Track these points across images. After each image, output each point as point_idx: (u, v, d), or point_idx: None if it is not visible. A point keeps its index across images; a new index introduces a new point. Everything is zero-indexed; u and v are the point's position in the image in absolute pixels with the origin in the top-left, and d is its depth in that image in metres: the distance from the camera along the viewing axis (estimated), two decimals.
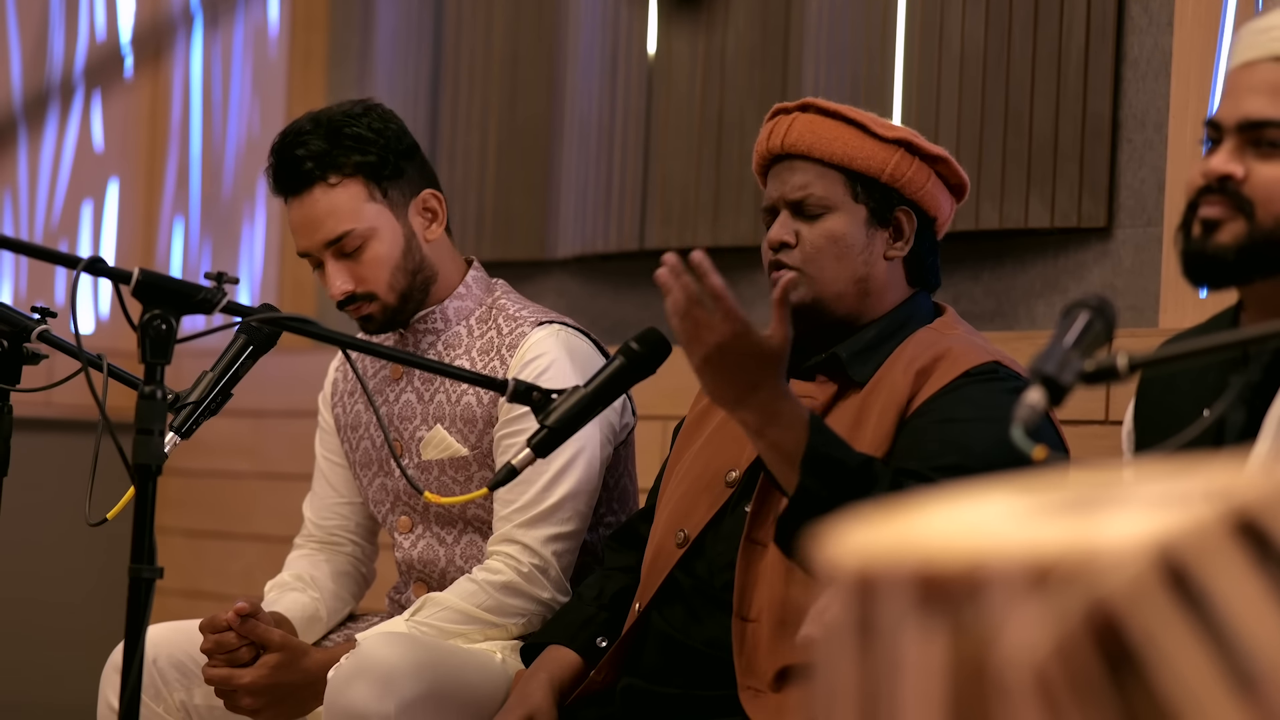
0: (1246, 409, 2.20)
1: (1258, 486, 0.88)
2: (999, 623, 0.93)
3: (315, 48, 5.23)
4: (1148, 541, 0.87)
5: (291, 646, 3.01)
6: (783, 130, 2.80)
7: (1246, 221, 2.19)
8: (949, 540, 0.97)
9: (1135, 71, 3.69)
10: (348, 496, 3.34)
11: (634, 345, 2.76)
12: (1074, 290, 3.74)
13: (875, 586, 0.99)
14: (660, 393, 3.66)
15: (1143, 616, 0.86)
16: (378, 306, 3.13)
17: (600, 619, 2.94)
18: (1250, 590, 0.85)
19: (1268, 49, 2.22)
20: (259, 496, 4.99)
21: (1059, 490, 1.01)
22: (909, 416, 2.66)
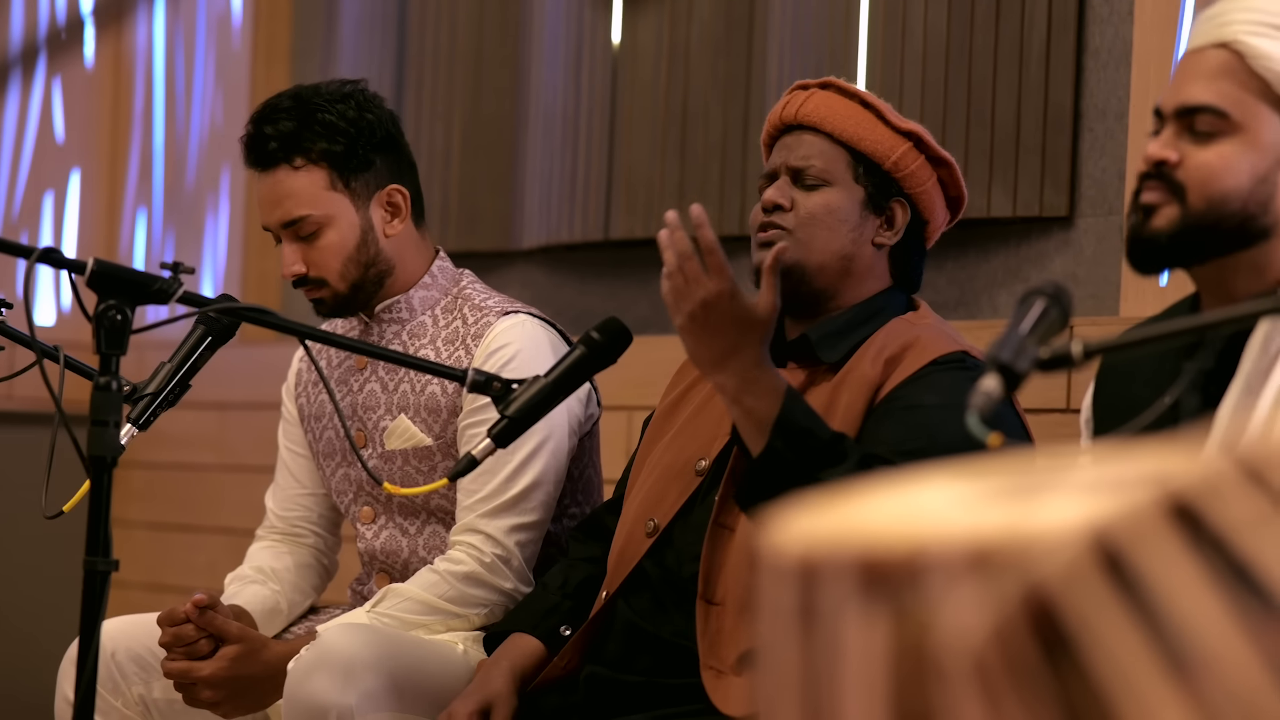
0: (1201, 395, 2.21)
1: (1192, 471, 0.88)
2: (939, 608, 0.93)
3: (278, 38, 5.21)
4: (1083, 526, 0.87)
5: (250, 639, 3.00)
6: (799, 102, 2.84)
7: (1179, 206, 2.21)
8: (891, 526, 0.97)
9: (1096, 62, 3.70)
10: (310, 488, 3.33)
11: (595, 335, 2.75)
12: (1036, 279, 3.75)
13: (818, 572, 0.99)
14: (624, 383, 3.66)
15: (1078, 601, 0.85)
16: (328, 292, 3.13)
17: (564, 608, 2.94)
18: (1184, 574, 0.85)
19: (1211, 35, 2.24)
20: (223, 489, 4.97)
21: (1002, 476, 1.01)
22: (877, 404, 2.67)
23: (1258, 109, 2.21)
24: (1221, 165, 2.21)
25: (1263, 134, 2.21)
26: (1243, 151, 2.21)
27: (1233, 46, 2.22)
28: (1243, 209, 2.20)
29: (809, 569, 0.98)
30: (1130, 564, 0.85)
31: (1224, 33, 2.23)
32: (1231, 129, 2.21)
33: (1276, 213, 2.21)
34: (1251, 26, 2.21)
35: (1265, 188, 2.21)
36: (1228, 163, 2.20)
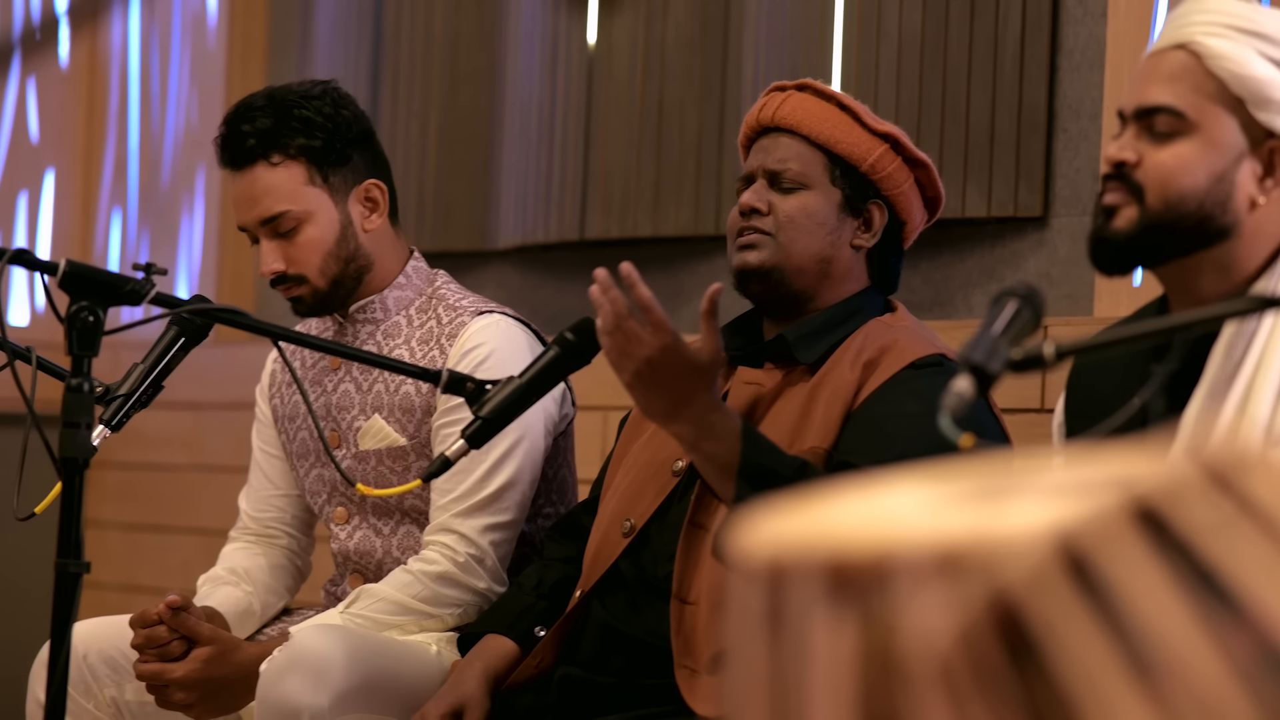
0: (1168, 397, 2.21)
1: (1157, 475, 0.88)
2: (905, 611, 0.93)
3: (254, 37, 5.20)
4: (1049, 530, 0.87)
5: (223, 640, 2.99)
6: (775, 104, 2.84)
7: (1138, 206, 2.22)
8: (859, 530, 0.97)
9: (1070, 62, 3.70)
10: (284, 489, 3.32)
11: (569, 335, 2.75)
12: (1011, 279, 3.76)
13: (786, 576, 0.99)
14: (599, 383, 3.66)
15: (1043, 605, 0.86)
16: (307, 289, 3.12)
17: (539, 609, 2.94)
18: (1149, 578, 0.85)
19: (1170, 38, 2.25)
20: (198, 489, 4.96)
21: (970, 479, 1.01)
22: (855, 409, 2.67)
23: (1214, 109, 2.22)
24: (1178, 165, 2.22)
25: (1219, 134, 2.22)
26: (1200, 151, 2.22)
27: (1190, 48, 2.23)
28: (1200, 208, 2.21)
29: (777, 572, 0.98)
30: (1095, 568, 0.85)
31: (1182, 34, 2.24)
32: (1189, 129, 2.22)
33: (1236, 212, 2.22)
34: (1209, 28, 2.23)
35: (1223, 187, 2.22)
36: (1184, 163, 2.22)
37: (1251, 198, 2.22)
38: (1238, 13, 2.23)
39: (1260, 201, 2.22)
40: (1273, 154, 2.23)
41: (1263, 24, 2.22)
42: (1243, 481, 0.89)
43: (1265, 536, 0.88)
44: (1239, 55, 2.21)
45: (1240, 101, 2.21)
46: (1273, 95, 2.20)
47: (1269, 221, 2.23)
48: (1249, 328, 2.20)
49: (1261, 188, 2.23)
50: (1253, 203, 2.22)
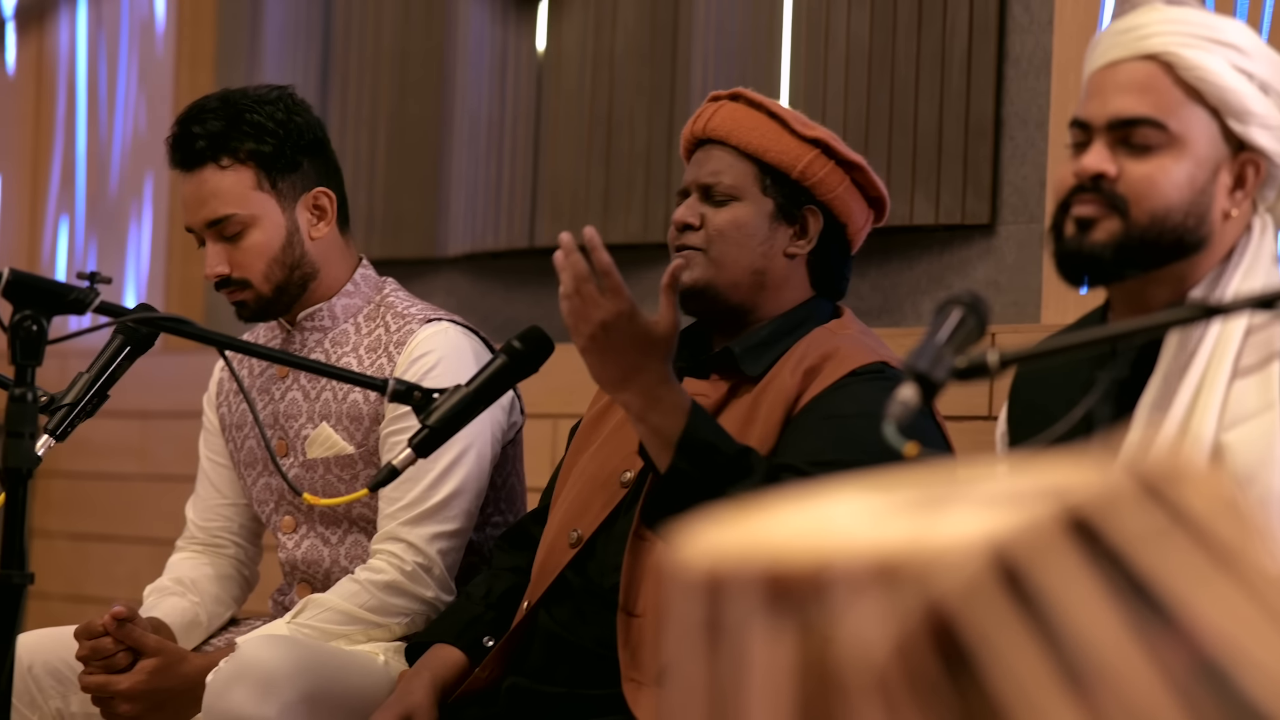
0: (1114, 404, 2.22)
1: (1091, 486, 0.88)
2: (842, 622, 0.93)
3: (202, 44, 5.18)
4: (983, 541, 0.87)
5: (169, 651, 2.98)
6: (708, 115, 2.84)
7: (1121, 219, 2.21)
8: (797, 540, 0.97)
9: (1017, 70, 3.72)
10: (231, 498, 3.31)
11: (516, 344, 2.75)
12: (959, 287, 3.77)
13: (724, 586, 0.99)
14: (548, 391, 3.65)
15: (977, 616, 0.86)
16: (251, 295, 3.11)
17: (487, 618, 2.94)
18: (1082, 588, 0.85)
19: (1132, 48, 2.24)
20: (146, 498, 4.94)
21: (909, 488, 1.02)
22: (795, 414, 2.68)
23: (1193, 119, 2.21)
24: (1163, 178, 2.20)
25: (1199, 145, 2.21)
26: (1181, 163, 2.21)
27: (1162, 58, 2.22)
28: (1183, 222, 2.21)
29: (715, 583, 0.98)
30: (1029, 578, 0.85)
31: (1149, 45, 2.23)
32: (1169, 141, 2.21)
33: (1211, 224, 2.22)
34: (1179, 38, 2.22)
35: (1203, 199, 2.21)
36: (1168, 175, 2.20)
37: (1224, 210, 2.22)
38: (1204, 23, 2.23)
39: (1233, 213, 2.23)
40: (1244, 166, 2.22)
41: (1230, 34, 2.22)
42: (1175, 492, 0.89)
43: (1198, 547, 0.88)
44: (1213, 65, 2.20)
45: (1216, 112, 2.21)
46: (1247, 105, 2.20)
47: (1229, 232, 2.24)
48: (1194, 335, 2.20)
49: (1232, 200, 2.23)
50: (1225, 215, 2.22)
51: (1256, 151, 2.21)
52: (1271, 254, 2.23)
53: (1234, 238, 2.24)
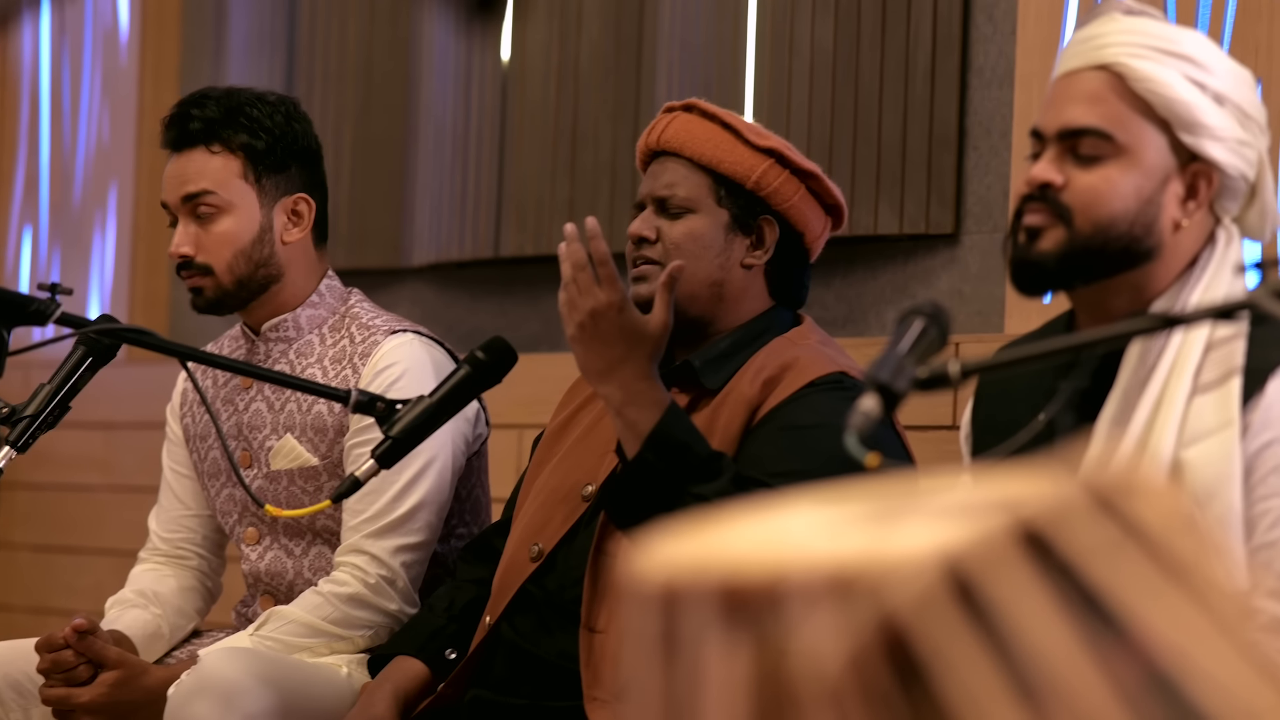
0: (1076, 414, 2.23)
1: (1043, 498, 0.88)
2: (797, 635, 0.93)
3: (167, 54, 5.17)
4: (936, 554, 0.87)
5: (130, 664, 2.97)
6: (662, 127, 2.84)
7: (1066, 229, 2.22)
8: (753, 552, 0.97)
9: (980, 79, 3.73)
10: (194, 509, 3.30)
11: (480, 354, 2.75)
12: (923, 296, 3.78)
13: (680, 599, 0.99)
14: (513, 401, 3.65)
15: (930, 628, 0.86)
16: (211, 283, 3.10)
17: (450, 630, 2.93)
18: (1034, 601, 0.85)
19: (1088, 58, 2.25)
20: (110, 510, 4.92)
21: (867, 500, 1.02)
22: (754, 425, 2.68)
23: (1141, 131, 2.22)
24: (1108, 188, 2.21)
25: (1147, 156, 2.22)
26: (1128, 174, 2.22)
27: (1113, 69, 2.23)
28: (1129, 231, 2.22)
29: (671, 596, 0.98)
30: (981, 591, 0.86)
31: (1103, 55, 2.24)
32: (1116, 151, 2.22)
33: (1161, 234, 2.23)
34: (1132, 49, 2.22)
35: (1150, 209, 2.22)
36: (1114, 185, 2.21)
37: (1175, 220, 2.23)
38: (1160, 34, 2.23)
39: (1184, 224, 2.23)
40: (1196, 177, 2.23)
41: (1185, 46, 2.23)
42: (1128, 505, 0.89)
43: (1149, 559, 0.88)
44: (1165, 77, 2.21)
45: (1166, 124, 2.21)
46: (1199, 118, 2.21)
47: (1185, 242, 2.24)
48: (1156, 344, 2.21)
49: (1184, 210, 2.23)
50: (1176, 225, 2.23)
51: (1208, 163, 2.22)
52: (1237, 265, 2.24)
53: (1194, 248, 2.25)
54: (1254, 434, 2.16)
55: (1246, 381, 2.17)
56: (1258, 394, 2.16)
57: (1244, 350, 2.17)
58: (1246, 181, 2.24)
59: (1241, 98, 2.23)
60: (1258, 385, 2.16)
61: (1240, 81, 2.24)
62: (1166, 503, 0.93)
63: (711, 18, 4.03)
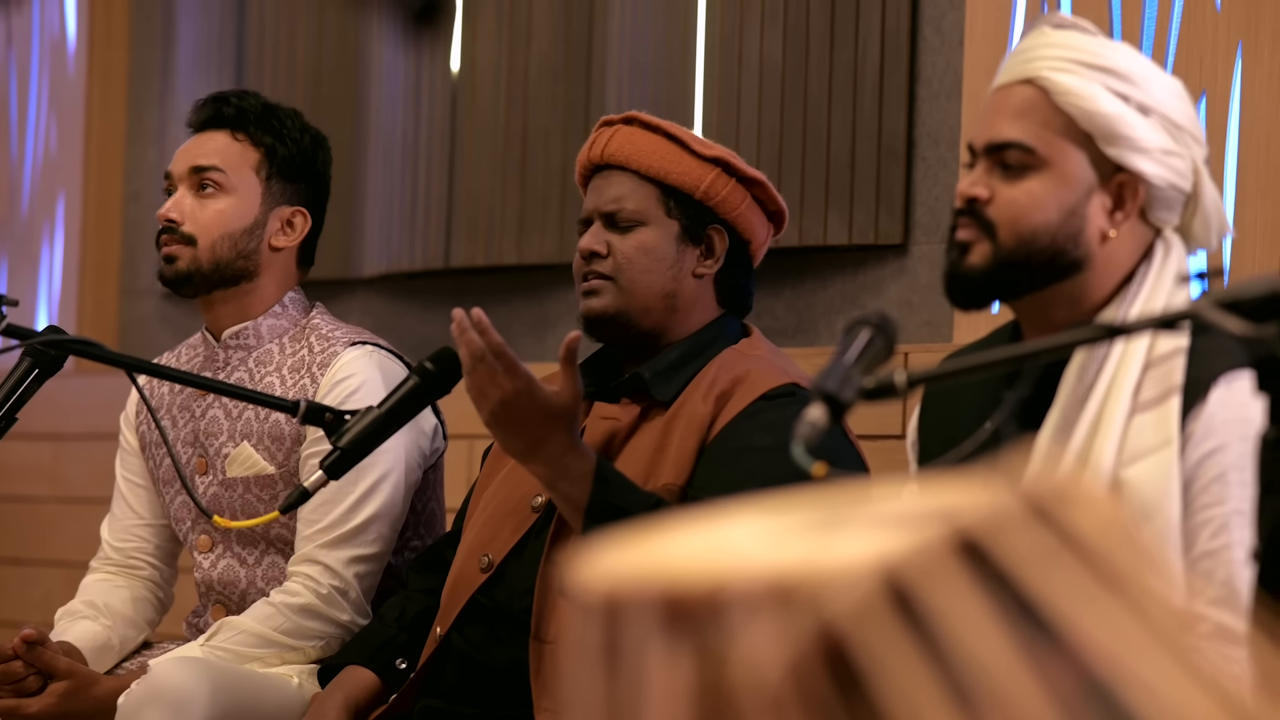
0: (1020, 422, 2.24)
1: (980, 507, 0.89)
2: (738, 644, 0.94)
3: (115, 64, 5.15)
4: (874, 563, 0.88)
5: (80, 674, 2.96)
6: (604, 141, 2.83)
7: (991, 243, 2.24)
8: (695, 562, 0.98)
9: (929, 90, 3.75)
10: (148, 518, 3.29)
11: (428, 365, 2.75)
12: (873, 306, 3.79)
13: (622, 609, 0.99)
14: (464, 412, 3.64)
15: (868, 637, 0.86)
16: (189, 254, 3.12)
17: (400, 640, 2.93)
18: (971, 609, 0.86)
19: (1017, 72, 2.27)
20: (59, 521, 4.90)
21: (808, 510, 1.02)
22: (709, 443, 2.68)
23: (1064, 145, 2.24)
24: (1029, 202, 2.24)
25: (1070, 169, 2.24)
26: (1051, 187, 2.24)
27: (1039, 83, 2.25)
28: (1053, 243, 2.24)
29: (613, 606, 0.99)
30: (918, 599, 0.86)
31: (1029, 69, 2.26)
32: (1039, 165, 2.24)
33: (1088, 245, 2.25)
34: (1055, 63, 2.25)
35: (1075, 221, 2.24)
36: (1035, 199, 2.24)
37: (1102, 231, 2.25)
38: (1085, 48, 2.25)
39: (1111, 234, 2.25)
40: (1122, 188, 2.25)
41: (1110, 59, 2.24)
42: (1064, 514, 0.90)
43: (1085, 568, 0.89)
44: (1087, 91, 2.23)
45: (1089, 137, 2.24)
46: (1120, 130, 2.23)
47: (1119, 253, 2.26)
48: (1099, 354, 2.23)
49: (1111, 221, 2.25)
50: (1104, 236, 2.25)
51: (1133, 174, 2.24)
52: (1176, 275, 2.26)
53: (1130, 259, 2.27)
54: (1196, 443, 2.17)
55: (1188, 391, 2.18)
56: (1199, 404, 2.18)
57: (1184, 363, 2.19)
58: (1179, 192, 2.25)
59: (1171, 109, 2.24)
60: (1199, 395, 2.18)
61: (1171, 93, 2.25)
62: (1103, 512, 0.93)
63: (661, 29, 4.03)
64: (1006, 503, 0.90)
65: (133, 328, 5.05)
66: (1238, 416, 2.16)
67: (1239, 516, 2.15)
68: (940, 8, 3.75)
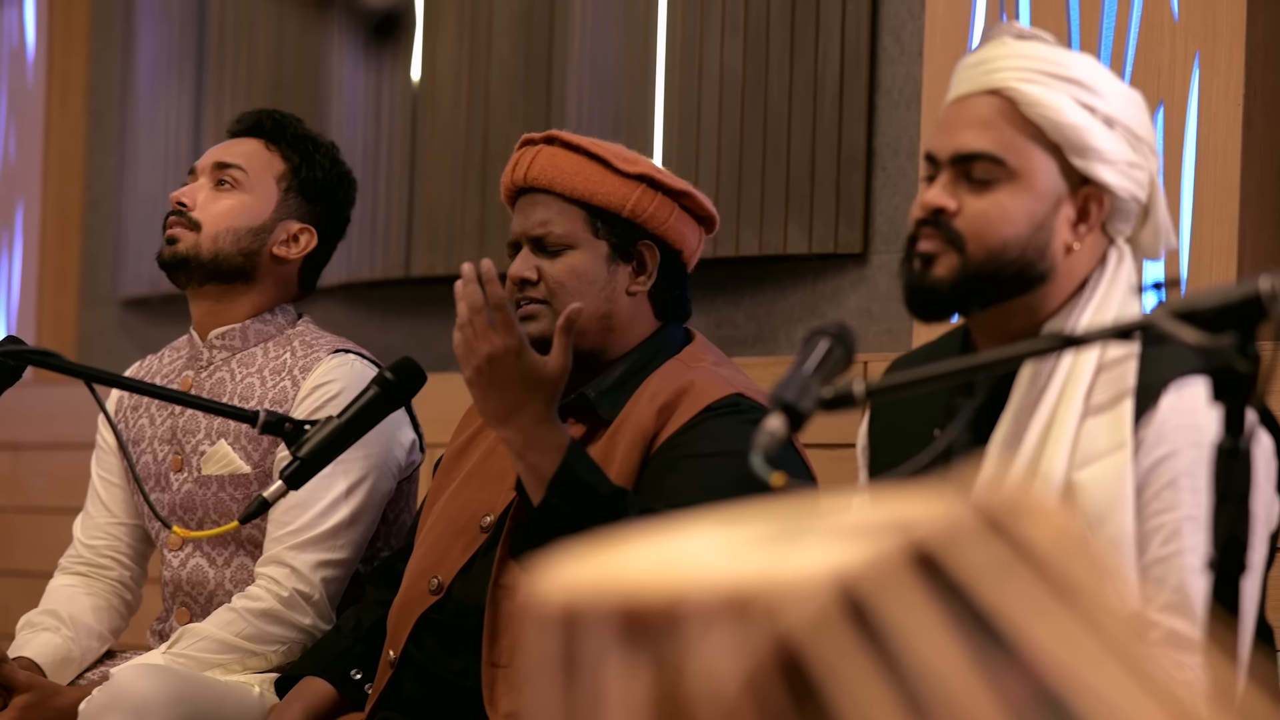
0: (971, 432, 2.24)
1: (935, 519, 0.90)
2: (695, 655, 0.94)
3: (74, 73, 5.14)
4: (830, 574, 0.89)
5: (41, 686, 2.95)
6: (526, 163, 2.79)
7: (958, 255, 2.23)
8: (652, 574, 0.98)
9: (888, 101, 3.76)
10: (121, 517, 3.29)
11: (388, 375, 2.75)
12: (832, 315, 3.81)
13: (579, 621, 1.00)
14: (427, 421, 3.63)
15: (824, 649, 0.87)
16: (192, 238, 3.15)
17: (356, 651, 2.92)
18: (925, 621, 0.87)
19: (979, 83, 2.26)
20: (18, 531, 4.88)
21: (764, 521, 1.03)
22: (653, 454, 2.67)
23: (1033, 155, 2.23)
24: (999, 214, 2.22)
25: (1038, 180, 2.23)
26: (1020, 199, 2.23)
27: (1005, 93, 2.24)
28: (1021, 256, 2.23)
29: (571, 618, 0.99)
30: (873, 611, 0.87)
31: (994, 79, 2.25)
32: (1008, 176, 2.23)
33: (1053, 258, 2.24)
34: (1023, 74, 2.24)
35: (1043, 234, 2.23)
36: (1005, 211, 2.22)
37: (1067, 243, 2.24)
38: (1051, 59, 2.25)
39: (1075, 247, 2.24)
40: (1087, 200, 2.24)
41: (1074, 70, 2.24)
42: (1018, 526, 0.91)
43: (1039, 580, 0.90)
44: (1055, 102, 2.22)
45: (1057, 148, 2.23)
46: (1089, 142, 2.22)
47: (1078, 264, 2.26)
48: (1047, 365, 2.22)
49: (1075, 233, 2.25)
50: (1068, 248, 2.24)
51: (1099, 186, 2.24)
52: (1128, 285, 2.26)
53: (1086, 269, 2.27)
54: (1147, 450, 2.18)
55: (1139, 398, 2.18)
56: (1150, 410, 2.18)
57: (1136, 367, 2.19)
58: (1138, 203, 2.26)
59: (1132, 120, 2.25)
60: (1150, 401, 2.18)
61: (1131, 104, 2.26)
62: (1056, 523, 0.94)
63: (621, 38, 4.04)
64: (961, 515, 0.91)
65: (92, 336, 5.04)
66: (1188, 423, 2.17)
67: (1190, 523, 2.16)
68: (900, 18, 3.77)
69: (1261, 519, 2.12)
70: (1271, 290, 1.88)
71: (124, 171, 4.95)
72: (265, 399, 3.09)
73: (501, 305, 2.52)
